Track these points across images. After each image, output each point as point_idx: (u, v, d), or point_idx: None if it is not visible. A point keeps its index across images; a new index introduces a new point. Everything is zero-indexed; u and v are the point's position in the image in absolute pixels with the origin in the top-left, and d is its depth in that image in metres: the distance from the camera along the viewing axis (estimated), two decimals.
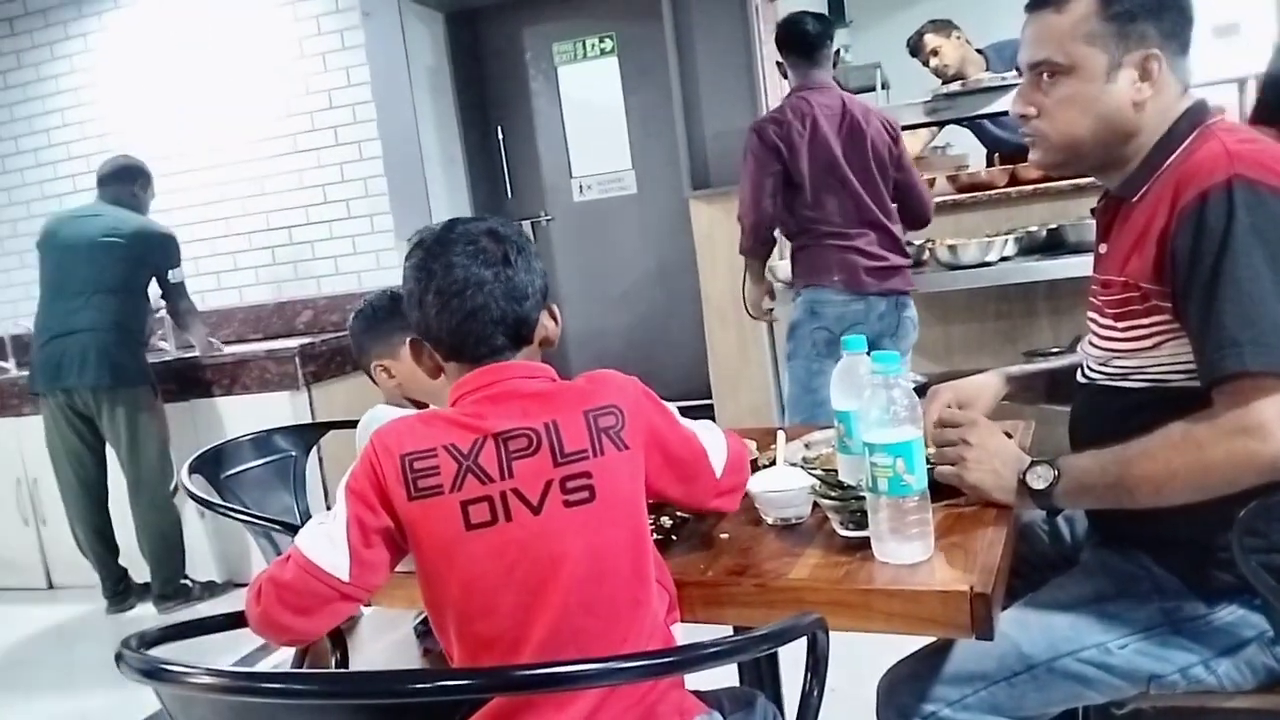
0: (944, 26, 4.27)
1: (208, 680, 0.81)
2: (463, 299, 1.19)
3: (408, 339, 1.31)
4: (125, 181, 3.74)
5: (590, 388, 1.21)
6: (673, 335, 4.76)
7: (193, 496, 1.79)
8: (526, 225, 4.88)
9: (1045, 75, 1.35)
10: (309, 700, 0.79)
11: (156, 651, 0.97)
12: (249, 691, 0.80)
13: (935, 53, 4.19)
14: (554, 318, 1.29)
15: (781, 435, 1.60)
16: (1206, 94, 1.41)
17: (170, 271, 3.68)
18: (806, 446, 1.68)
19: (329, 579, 1.13)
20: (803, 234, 3.10)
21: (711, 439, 1.29)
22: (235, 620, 1.18)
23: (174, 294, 3.72)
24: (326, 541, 1.14)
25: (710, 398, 4.33)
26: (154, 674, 0.86)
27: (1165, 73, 1.32)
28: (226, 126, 4.62)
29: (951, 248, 3.30)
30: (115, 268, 3.56)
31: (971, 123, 4.15)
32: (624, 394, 1.21)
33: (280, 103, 4.53)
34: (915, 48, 4.32)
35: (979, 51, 4.18)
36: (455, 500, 1.13)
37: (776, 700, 1.72)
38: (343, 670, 1.19)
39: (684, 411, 1.32)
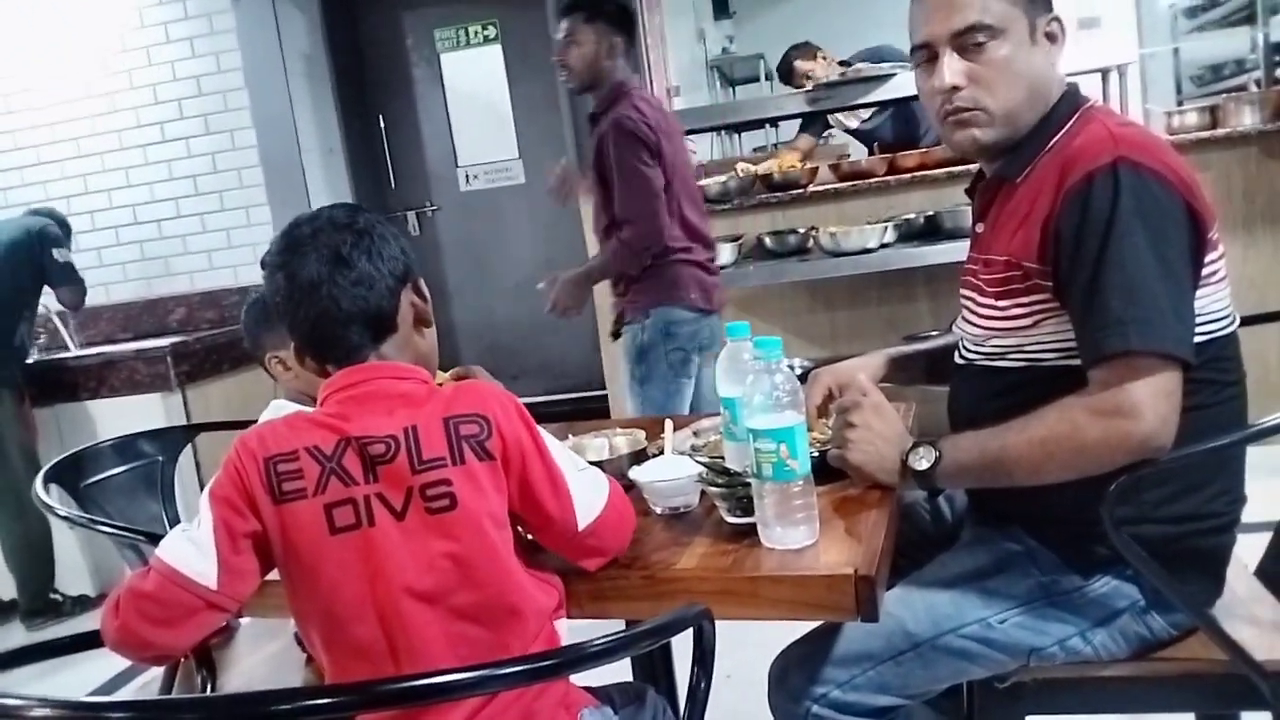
0: (808, 49, 4.33)
1: (44, 713, 0.73)
2: (307, 306, 1.15)
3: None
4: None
5: (455, 395, 1.16)
6: (565, 326, 4.69)
7: (45, 507, 1.67)
8: (412, 216, 4.77)
9: (974, 42, 1.31)
10: None
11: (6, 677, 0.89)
12: None
13: (808, 76, 4.23)
14: (420, 294, 1.25)
15: (669, 424, 1.58)
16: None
17: (56, 251, 3.53)
18: (695, 434, 1.67)
19: (195, 587, 1.07)
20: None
21: (586, 490, 1.19)
22: (87, 640, 1.10)
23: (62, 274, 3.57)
24: (192, 548, 1.08)
25: (604, 388, 4.30)
26: None
27: (1061, 43, 1.35)
28: (89, 115, 4.37)
29: (834, 235, 3.35)
30: None
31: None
32: (492, 406, 1.15)
33: (146, 90, 4.32)
34: (786, 75, 4.36)
35: (844, 63, 4.21)
36: (319, 503, 1.09)
37: (670, 691, 1.71)
38: (194, 696, 1.11)
39: (578, 403, 1.28)
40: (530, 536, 1.32)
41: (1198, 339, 1.22)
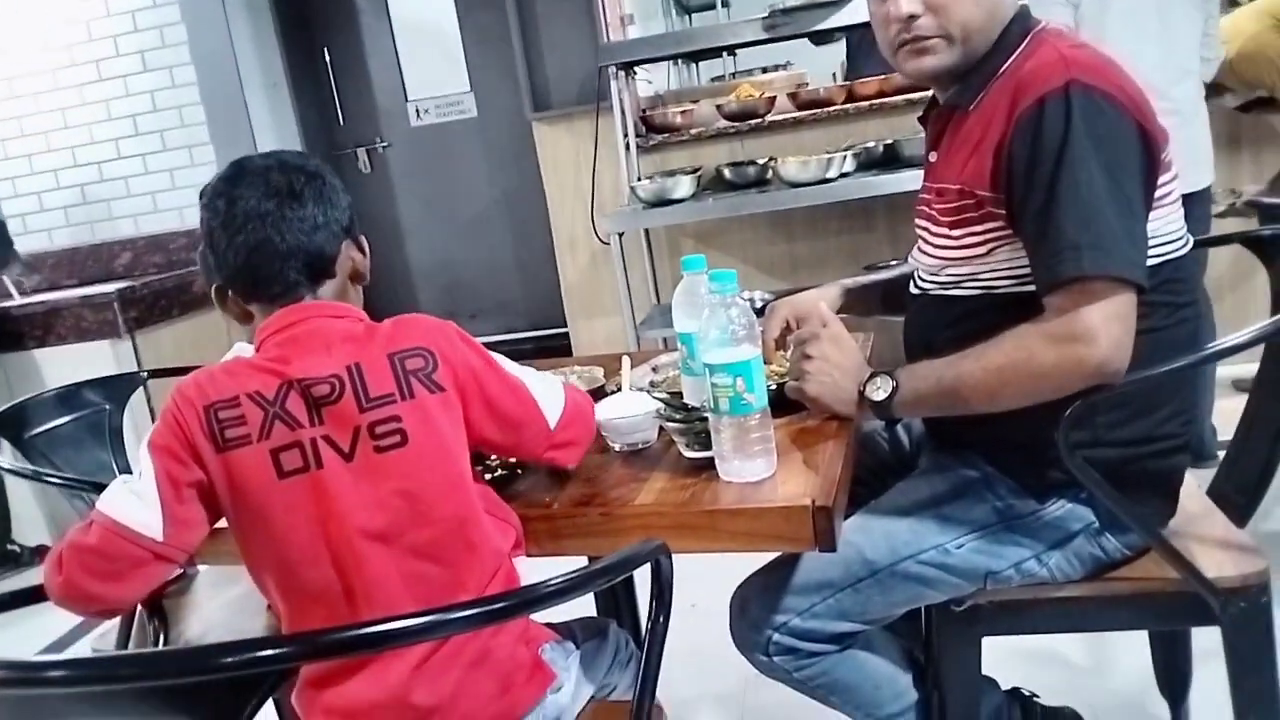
0: None
1: None
2: (247, 233, 1.12)
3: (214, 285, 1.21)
4: None
5: (396, 330, 1.15)
6: (523, 263, 4.66)
7: None
8: (362, 153, 4.66)
9: None
10: (94, 687, 0.71)
11: None
12: (23, 683, 0.71)
13: None
14: (361, 250, 1.23)
15: (627, 360, 1.57)
16: None
17: None
18: (653, 370, 1.65)
19: (140, 539, 1.05)
20: None
21: (544, 389, 1.22)
22: (30, 596, 1.07)
23: None
24: (135, 500, 1.06)
25: (564, 325, 4.28)
26: None
27: None
28: (19, 54, 4.19)
29: (793, 165, 3.31)
30: None
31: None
32: (434, 337, 1.15)
33: (80, 27, 4.14)
34: None
35: None
36: (264, 449, 1.07)
37: (634, 624, 1.72)
38: (140, 652, 1.09)
39: (539, 341, 1.26)
40: (490, 476, 1.31)
41: (1151, 261, 1.22)
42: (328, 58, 4.60)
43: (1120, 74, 1.24)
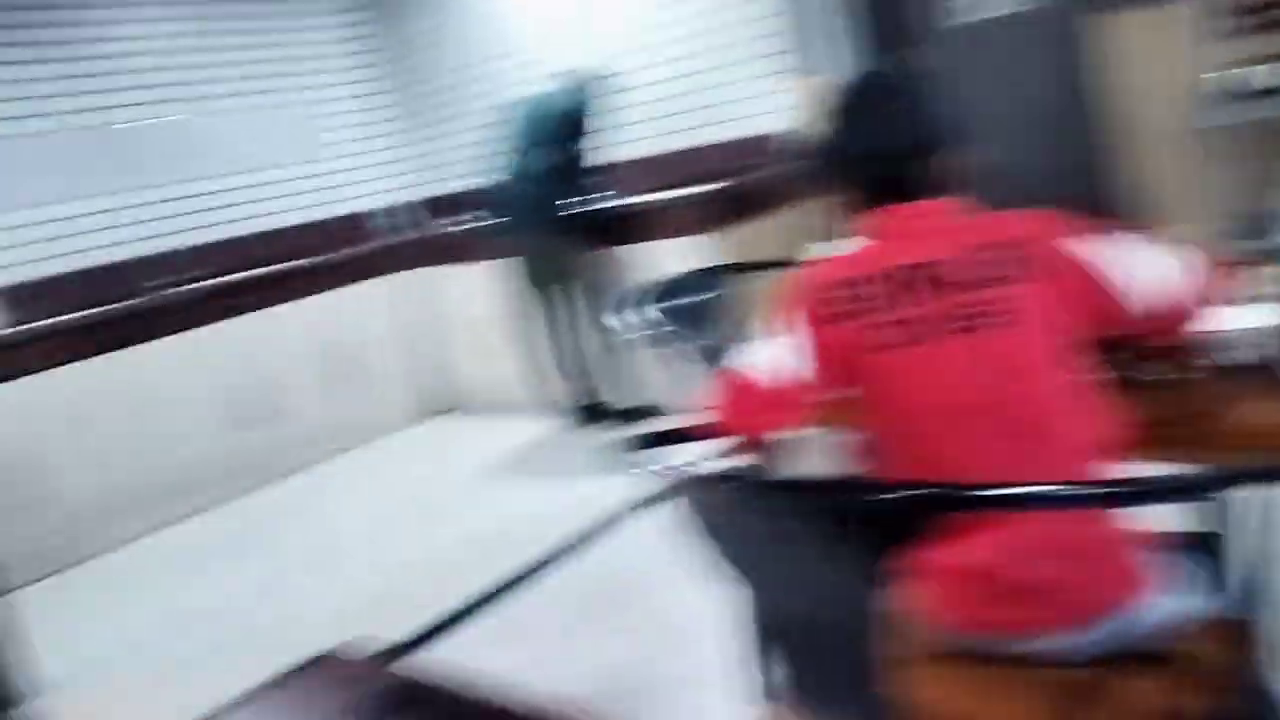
0: None
1: (735, 489, 0.93)
2: (853, 165, 1.29)
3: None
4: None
5: (989, 223, 1.23)
6: (1095, 165, 4.32)
7: (618, 331, 1.98)
8: (917, 53, 4.59)
9: None
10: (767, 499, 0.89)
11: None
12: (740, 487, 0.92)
13: None
14: (954, 160, 1.30)
15: (1239, 268, 1.46)
16: None
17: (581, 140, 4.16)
18: (1274, 281, 1.50)
19: (772, 386, 1.26)
20: None
21: (1153, 267, 1.23)
22: (703, 431, 1.33)
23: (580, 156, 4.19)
24: (769, 355, 1.28)
25: (1140, 229, 3.92)
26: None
27: None
28: None
29: None
30: (562, 128, 4.08)
31: None
32: (1025, 228, 1.22)
33: None
34: None
35: None
36: (868, 324, 1.22)
37: (1220, 550, 1.62)
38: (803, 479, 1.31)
39: None
40: (1106, 375, 1.32)
41: None
42: None
43: None
